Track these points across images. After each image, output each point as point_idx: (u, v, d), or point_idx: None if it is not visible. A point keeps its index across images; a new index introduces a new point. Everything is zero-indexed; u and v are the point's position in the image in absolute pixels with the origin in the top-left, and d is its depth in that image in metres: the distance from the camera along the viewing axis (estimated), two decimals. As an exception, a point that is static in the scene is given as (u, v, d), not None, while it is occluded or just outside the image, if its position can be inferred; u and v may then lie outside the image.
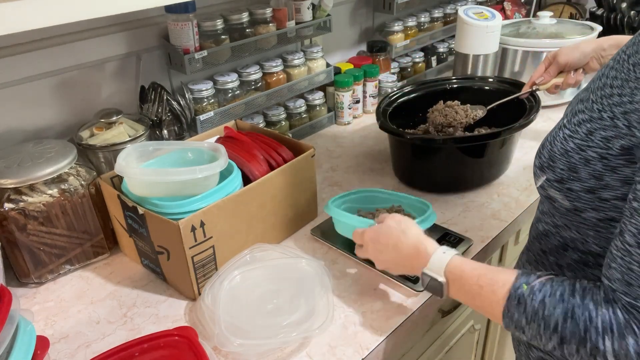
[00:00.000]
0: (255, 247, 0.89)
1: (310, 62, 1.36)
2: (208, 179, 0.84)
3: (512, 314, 0.58)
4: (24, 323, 0.66)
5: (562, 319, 0.54)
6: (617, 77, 0.56)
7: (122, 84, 1.12)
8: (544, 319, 0.55)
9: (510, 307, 0.58)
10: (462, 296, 0.66)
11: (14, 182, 0.83)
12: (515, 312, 0.58)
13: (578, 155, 0.57)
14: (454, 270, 0.66)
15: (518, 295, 0.57)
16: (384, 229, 0.76)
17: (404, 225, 0.75)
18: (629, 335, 0.51)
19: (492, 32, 1.38)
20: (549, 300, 0.55)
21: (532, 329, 0.56)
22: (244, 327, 0.74)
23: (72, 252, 0.91)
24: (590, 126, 0.56)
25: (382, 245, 0.76)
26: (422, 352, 1.00)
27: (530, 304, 0.56)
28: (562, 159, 0.59)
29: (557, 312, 0.54)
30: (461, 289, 0.65)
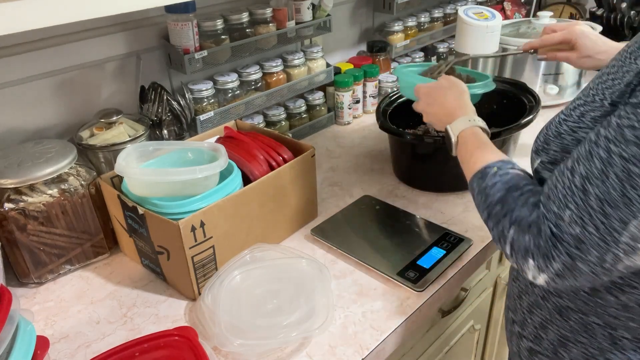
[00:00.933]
0: (255, 247, 0.89)
1: (310, 62, 1.36)
2: (208, 179, 0.84)
3: (472, 181, 0.68)
4: (24, 323, 0.66)
5: (496, 200, 0.62)
6: (614, 65, 0.59)
7: (122, 84, 1.12)
8: (486, 195, 0.64)
9: (475, 177, 0.68)
10: (461, 157, 0.75)
11: (14, 182, 0.83)
12: (474, 181, 0.68)
13: (570, 136, 0.60)
14: (466, 136, 0.76)
15: (485, 171, 0.66)
16: (436, 85, 0.88)
17: (455, 87, 0.86)
18: (527, 233, 0.57)
19: (492, 32, 1.38)
20: (499, 184, 0.63)
21: (477, 198, 0.66)
22: (244, 327, 0.74)
23: (72, 252, 0.91)
24: (583, 109, 0.59)
25: (432, 99, 0.87)
26: (422, 352, 1.00)
27: (486, 181, 0.65)
28: (555, 141, 0.62)
29: (497, 195, 0.62)
30: (461, 151, 0.76)
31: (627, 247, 0.50)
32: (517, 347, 0.77)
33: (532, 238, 0.56)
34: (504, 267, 1.21)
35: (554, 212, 0.54)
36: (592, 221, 0.51)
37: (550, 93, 1.46)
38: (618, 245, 0.50)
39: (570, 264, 0.53)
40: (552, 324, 0.68)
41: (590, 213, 0.51)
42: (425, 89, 0.89)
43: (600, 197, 0.50)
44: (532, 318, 0.72)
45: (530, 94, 1.17)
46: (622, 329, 0.62)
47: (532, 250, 0.56)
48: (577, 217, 0.52)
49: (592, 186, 0.51)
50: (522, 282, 0.74)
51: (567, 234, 0.53)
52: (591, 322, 0.64)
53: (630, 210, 0.48)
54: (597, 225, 0.50)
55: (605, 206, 0.50)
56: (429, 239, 0.95)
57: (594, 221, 0.50)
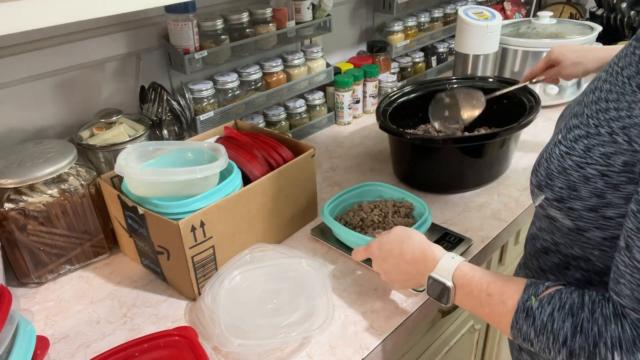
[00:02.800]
0: (255, 247, 0.89)
1: (310, 62, 1.36)
2: (208, 179, 0.84)
3: (521, 326, 0.57)
4: (24, 323, 0.66)
5: (571, 333, 0.53)
6: (611, 90, 0.54)
7: (122, 84, 1.12)
8: (553, 333, 0.55)
9: (519, 320, 0.57)
10: (469, 303, 0.65)
11: (14, 182, 0.83)
12: (524, 324, 0.57)
13: (577, 172, 0.55)
14: (463, 275, 0.65)
15: (527, 307, 0.57)
16: (388, 237, 0.76)
17: (410, 231, 0.75)
18: (638, 352, 0.50)
19: (492, 32, 1.38)
20: (557, 313, 0.55)
21: (540, 342, 0.56)
22: (244, 327, 0.74)
23: (72, 252, 0.91)
24: (588, 142, 0.54)
25: (387, 251, 0.75)
26: (422, 352, 1.00)
27: (539, 317, 0.56)
28: (560, 177, 0.57)
29: (566, 325, 0.54)
30: (469, 296, 0.64)
31: None
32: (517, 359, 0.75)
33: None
34: (504, 267, 1.21)
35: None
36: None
37: (550, 93, 1.46)
38: None
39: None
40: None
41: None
42: (376, 244, 0.77)
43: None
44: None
45: (530, 94, 1.17)
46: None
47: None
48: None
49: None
50: None
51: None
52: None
53: None
54: None
55: None
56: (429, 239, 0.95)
57: None
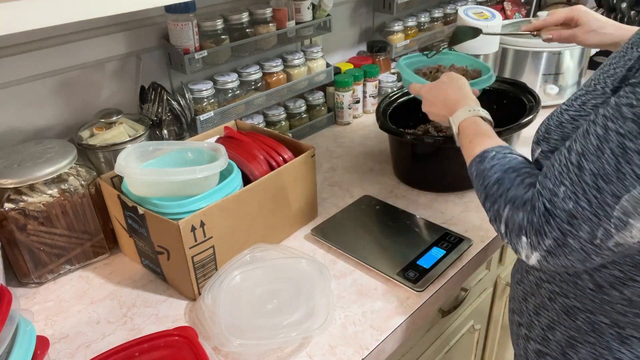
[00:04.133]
0: (255, 247, 0.89)
1: (310, 62, 1.36)
2: (208, 179, 0.84)
3: (471, 165, 0.70)
4: (24, 323, 0.66)
5: (493, 181, 0.63)
6: (616, 56, 0.60)
7: (122, 84, 1.12)
8: (484, 177, 0.65)
9: (474, 162, 0.69)
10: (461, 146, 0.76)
11: (14, 182, 0.83)
12: (473, 164, 0.69)
13: (571, 125, 0.61)
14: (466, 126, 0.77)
15: (484, 155, 0.68)
16: (437, 83, 0.88)
17: (454, 81, 0.86)
18: (521, 210, 0.58)
19: (492, 32, 1.38)
20: (497, 166, 0.64)
21: (475, 182, 0.67)
22: (244, 327, 0.74)
23: (72, 252, 0.91)
24: (585, 98, 0.60)
25: (434, 97, 0.87)
26: (422, 352, 1.00)
27: (484, 163, 0.66)
28: (556, 130, 0.63)
29: (495, 176, 0.64)
30: (461, 140, 0.76)
31: (618, 222, 0.50)
32: (524, 350, 0.76)
33: (526, 215, 0.57)
34: (504, 267, 1.21)
35: (549, 188, 0.55)
36: (585, 196, 0.51)
37: (550, 93, 1.46)
38: (610, 220, 0.50)
39: (562, 240, 0.53)
40: (560, 324, 0.68)
41: (584, 188, 0.51)
42: (426, 90, 0.89)
43: (595, 172, 0.51)
44: (539, 320, 0.72)
45: (530, 94, 1.17)
46: (630, 327, 0.62)
47: (525, 227, 0.56)
48: (570, 192, 0.53)
49: (588, 162, 0.52)
50: (527, 285, 0.74)
51: (560, 209, 0.53)
52: (599, 322, 0.64)
53: (624, 184, 0.49)
54: (589, 200, 0.51)
55: (599, 181, 0.50)
56: (429, 239, 0.95)
57: (587, 196, 0.51)
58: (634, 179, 0.48)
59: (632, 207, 0.49)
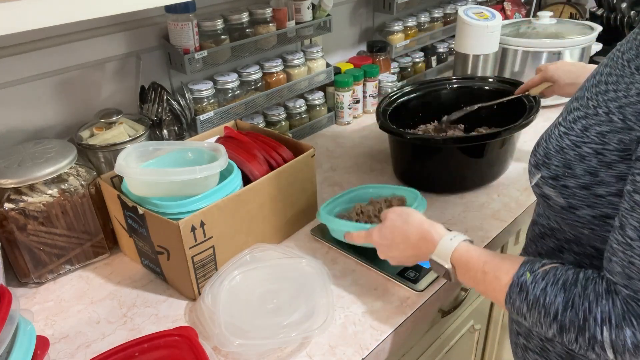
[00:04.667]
0: (255, 247, 0.89)
1: (310, 62, 1.36)
2: (208, 179, 0.84)
3: (514, 300, 0.59)
4: (24, 323, 0.66)
5: (562, 307, 0.55)
6: (611, 73, 0.56)
7: (122, 84, 1.12)
8: (545, 307, 0.56)
9: (512, 294, 0.59)
10: (468, 281, 0.68)
11: (14, 182, 0.83)
12: (517, 299, 0.59)
13: (573, 151, 0.57)
14: (460, 257, 0.67)
15: (521, 282, 0.58)
16: (387, 224, 0.77)
17: (405, 215, 0.76)
18: (627, 327, 0.51)
19: (492, 32, 1.38)
20: (550, 288, 0.56)
21: (532, 316, 0.57)
22: (244, 327, 0.74)
23: (72, 252, 0.91)
24: (586, 122, 0.56)
25: (389, 240, 0.77)
26: (422, 352, 1.00)
27: (532, 291, 0.57)
28: (557, 156, 0.59)
29: (557, 300, 0.55)
30: (466, 275, 0.67)
31: None
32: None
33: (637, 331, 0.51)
34: (504, 267, 1.21)
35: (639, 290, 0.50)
36: None
37: (550, 93, 1.45)
38: None
39: None
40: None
41: None
42: (377, 235, 0.78)
43: None
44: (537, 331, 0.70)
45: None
46: None
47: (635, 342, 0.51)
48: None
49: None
50: None
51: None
52: None
53: None
54: None
55: None
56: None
57: None
58: None
59: None
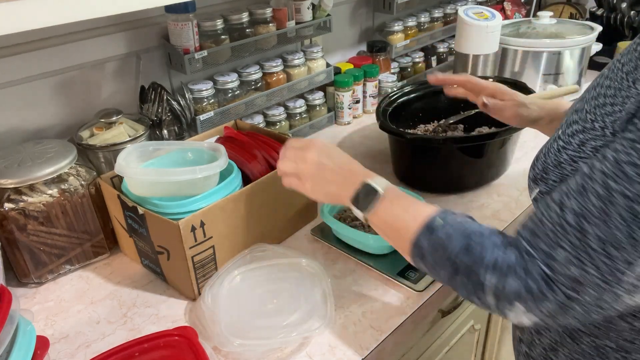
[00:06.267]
0: (255, 247, 0.89)
1: (310, 62, 1.36)
2: (208, 179, 0.84)
3: (421, 240, 0.60)
4: (24, 323, 0.66)
5: (459, 250, 0.56)
6: (610, 86, 0.55)
7: (122, 84, 1.12)
8: (445, 249, 0.58)
9: (421, 235, 0.60)
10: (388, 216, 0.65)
11: (14, 182, 0.83)
12: (424, 239, 0.60)
13: (570, 167, 0.56)
14: (394, 188, 0.68)
15: (432, 225, 0.60)
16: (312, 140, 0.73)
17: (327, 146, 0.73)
18: (511, 276, 0.52)
19: (492, 32, 1.38)
20: (455, 234, 0.58)
21: (433, 257, 0.59)
22: (244, 327, 0.74)
23: (72, 252, 0.91)
24: (583, 137, 0.55)
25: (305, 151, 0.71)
26: (422, 352, 1.00)
27: (439, 234, 0.59)
28: (555, 171, 0.58)
29: (458, 244, 0.57)
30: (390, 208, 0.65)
31: (629, 286, 0.48)
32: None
33: (520, 281, 0.52)
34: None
35: (543, 250, 0.51)
36: (593, 262, 0.48)
37: (550, 93, 1.45)
38: (620, 285, 0.48)
39: (566, 305, 0.51)
40: (563, 347, 0.65)
41: (591, 254, 0.48)
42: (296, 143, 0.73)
43: (603, 239, 0.47)
44: (541, 339, 0.69)
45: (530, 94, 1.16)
46: (636, 353, 0.59)
47: (522, 294, 0.52)
48: (573, 257, 0.49)
49: (591, 226, 0.48)
50: None
51: (562, 275, 0.50)
52: (604, 346, 0.61)
53: (637, 250, 0.46)
54: (598, 267, 0.48)
55: (609, 248, 0.47)
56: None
57: (595, 262, 0.48)
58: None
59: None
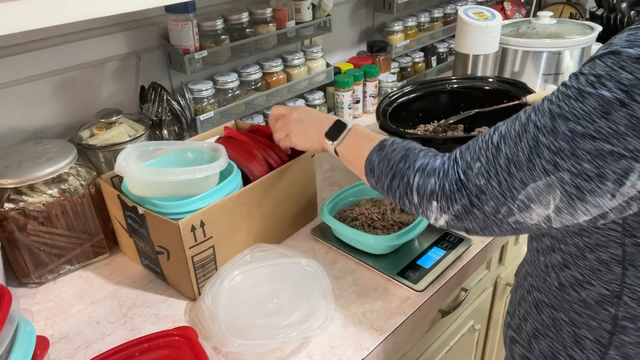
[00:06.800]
0: (255, 247, 0.89)
1: (310, 62, 1.36)
2: (208, 179, 0.84)
3: (372, 155, 0.71)
4: (24, 323, 0.66)
5: (398, 159, 0.66)
6: None
7: (122, 84, 1.12)
8: (389, 160, 0.67)
9: (374, 151, 0.71)
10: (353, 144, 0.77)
11: (14, 182, 0.83)
12: (374, 154, 0.70)
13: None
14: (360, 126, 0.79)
15: (383, 144, 0.71)
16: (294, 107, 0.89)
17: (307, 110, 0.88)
18: (433, 177, 0.61)
19: (492, 32, 1.38)
20: (399, 147, 0.68)
21: (379, 168, 0.68)
22: (244, 327, 0.74)
23: (72, 252, 0.91)
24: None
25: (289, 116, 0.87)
26: (422, 352, 1.00)
27: (386, 149, 0.69)
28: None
29: (399, 155, 0.67)
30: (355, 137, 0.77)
31: (521, 204, 0.54)
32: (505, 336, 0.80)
33: (437, 181, 0.60)
34: (504, 267, 1.21)
35: (466, 160, 0.58)
36: (497, 177, 0.55)
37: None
38: (514, 202, 0.54)
39: (469, 208, 0.58)
40: (530, 316, 0.72)
41: (497, 169, 0.55)
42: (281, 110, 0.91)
43: (509, 158, 0.54)
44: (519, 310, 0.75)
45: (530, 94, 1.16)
46: (584, 329, 0.64)
47: (437, 193, 0.60)
48: (484, 170, 0.56)
49: (506, 146, 0.55)
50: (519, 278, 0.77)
51: (472, 183, 0.57)
52: (559, 318, 0.67)
53: (532, 174, 0.52)
54: (500, 181, 0.54)
55: (512, 166, 0.54)
56: (429, 239, 0.95)
57: (499, 177, 0.55)
58: (541, 171, 0.51)
59: (535, 195, 0.52)
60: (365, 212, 0.98)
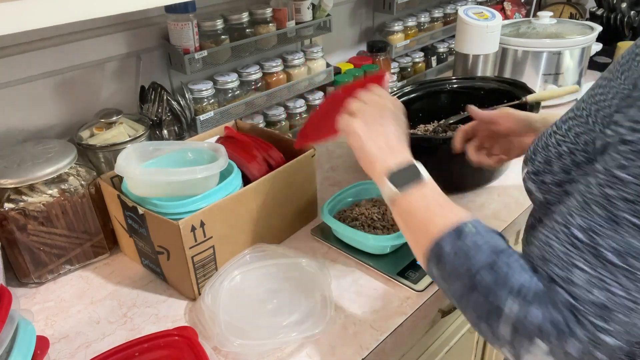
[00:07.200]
0: (255, 247, 0.89)
1: (310, 62, 1.36)
2: (208, 179, 0.84)
3: (444, 240, 0.56)
4: (24, 323, 0.66)
5: (484, 265, 0.51)
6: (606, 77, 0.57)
7: (122, 84, 1.12)
8: (468, 258, 0.53)
9: (448, 236, 0.55)
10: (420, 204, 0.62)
11: (14, 182, 0.83)
12: (448, 240, 0.55)
13: (555, 149, 0.58)
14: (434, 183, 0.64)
15: (462, 229, 0.55)
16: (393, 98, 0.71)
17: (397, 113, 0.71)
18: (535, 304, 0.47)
19: (492, 32, 1.38)
20: (484, 246, 0.53)
21: (452, 264, 0.54)
22: (244, 327, 0.74)
23: (72, 252, 0.91)
24: (572, 123, 0.58)
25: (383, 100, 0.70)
26: (422, 352, 1.00)
27: (466, 241, 0.54)
28: (542, 152, 0.60)
29: (484, 258, 0.52)
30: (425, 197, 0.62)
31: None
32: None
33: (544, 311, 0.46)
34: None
35: (559, 276, 0.47)
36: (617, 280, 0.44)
37: (550, 93, 1.45)
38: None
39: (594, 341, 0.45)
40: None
41: (611, 270, 0.44)
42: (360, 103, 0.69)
43: (619, 249, 0.44)
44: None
45: (530, 94, 1.16)
46: None
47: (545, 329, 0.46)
48: (594, 277, 0.45)
49: (603, 238, 0.44)
50: None
51: (587, 302, 0.45)
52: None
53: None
54: (622, 284, 0.43)
55: (628, 258, 0.43)
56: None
57: (619, 279, 0.44)
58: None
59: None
60: (366, 212, 0.98)
